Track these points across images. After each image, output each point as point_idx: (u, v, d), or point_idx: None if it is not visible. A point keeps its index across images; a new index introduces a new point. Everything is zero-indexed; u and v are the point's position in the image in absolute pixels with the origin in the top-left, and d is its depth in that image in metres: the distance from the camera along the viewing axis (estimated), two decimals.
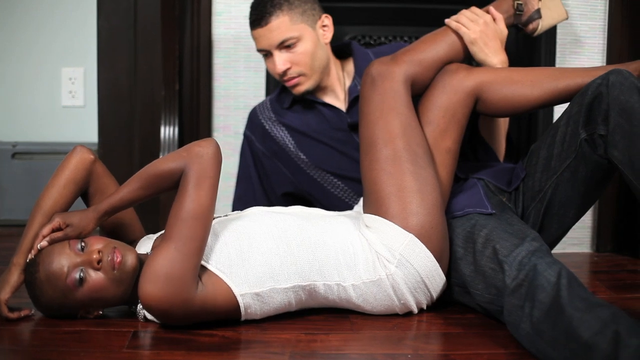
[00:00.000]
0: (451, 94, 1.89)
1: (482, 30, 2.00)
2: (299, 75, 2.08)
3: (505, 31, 2.06)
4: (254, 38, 2.09)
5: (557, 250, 2.43)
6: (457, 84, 1.90)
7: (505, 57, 2.03)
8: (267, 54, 2.09)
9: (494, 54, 2.01)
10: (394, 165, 1.78)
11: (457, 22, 2.01)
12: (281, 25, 2.04)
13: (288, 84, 2.11)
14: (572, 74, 1.89)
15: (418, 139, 1.83)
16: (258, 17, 2.05)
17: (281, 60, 2.06)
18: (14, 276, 1.70)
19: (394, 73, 1.87)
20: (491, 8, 2.07)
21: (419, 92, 1.92)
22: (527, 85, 1.88)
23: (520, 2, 2.10)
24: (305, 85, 2.10)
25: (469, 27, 2.00)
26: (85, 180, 1.80)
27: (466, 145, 2.15)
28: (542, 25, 2.14)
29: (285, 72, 2.07)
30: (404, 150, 1.79)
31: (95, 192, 1.83)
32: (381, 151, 1.80)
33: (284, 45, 2.05)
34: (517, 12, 2.11)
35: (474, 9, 2.05)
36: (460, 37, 1.99)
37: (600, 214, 2.52)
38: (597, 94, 1.71)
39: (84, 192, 1.82)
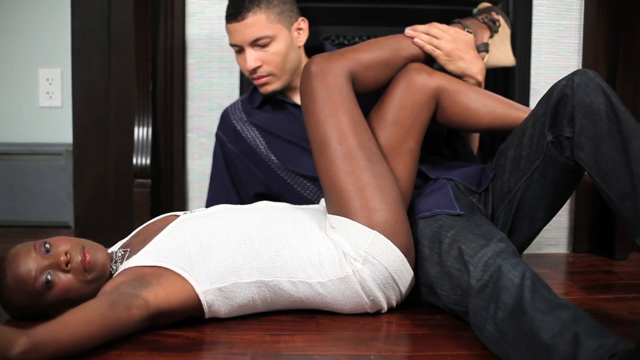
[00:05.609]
0: (416, 95, 1.89)
1: (452, 45, 2.00)
2: (268, 75, 2.08)
3: (471, 36, 2.07)
4: (228, 32, 2.08)
5: (533, 250, 2.44)
6: (422, 84, 1.90)
7: (482, 64, 2.05)
8: (239, 50, 2.09)
9: (472, 64, 2.03)
10: (350, 164, 1.77)
11: (430, 44, 1.99)
12: (257, 22, 2.03)
13: (256, 82, 2.11)
14: (524, 110, 1.96)
15: (368, 134, 1.83)
16: (235, 12, 2.04)
17: (252, 58, 2.06)
18: None
19: (335, 68, 1.86)
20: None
21: (358, 91, 1.90)
22: (481, 102, 1.95)
23: (470, 30, 2.11)
24: (273, 86, 2.10)
25: (441, 48, 1.99)
26: None
27: (441, 139, 2.16)
28: (488, 60, 2.14)
29: (255, 70, 2.07)
30: (358, 147, 1.79)
31: None
32: (336, 150, 1.79)
33: (257, 44, 2.05)
34: None
35: (436, 25, 2.03)
36: (407, 45, 1.98)
37: (576, 215, 2.52)
38: (562, 96, 1.71)
39: None
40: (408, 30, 2.01)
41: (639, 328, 1.20)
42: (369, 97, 1.97)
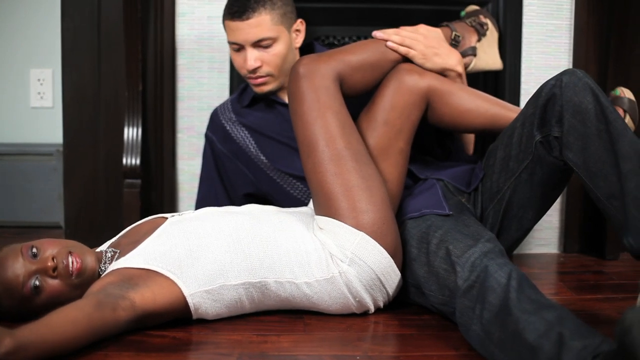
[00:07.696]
0: (407, 95, 1.90)
1: (424, 44, 1.99)
2: (267, 76, 2.08)
3: (439, 30, 2.07)
4: (229, 29, 2.06)
5: (524, 250, 2.44)
6: (413, 84, 1.91)
7: (458, 54, 2.04)
8: (239, 48, 2.08)
9: (448, 57, 2.02)
10: (337, 166, 1.77)
11: (403, 45, 1.98)
12: (262, 23, 2.02)
13: (253, 82, 2.10)
14: (515, 110, 1.95)
15: (356, 136, 1.83)
16: (239, 10, 2.02)
17: (253, 58, 2.05)
18: None
19: (322, 70, 1.85)
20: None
21: (345, 93, 1.90)
22: (472, 103, 1.96)
23: (458, 34, 2.11)
24: (270, 86, 2.10)
25: (414, 48, 1.98)
26: None
27: (433, 138, 2.16)
28: (476, 64, 2.15)
29: (254, 70, 2.07)
30: (346, 149, 1.79)
31: None
32: (324, 152, 1.79)
33: (260, 44, 2.05)
34: (453, 43, 2.12)
35: (403, 28, 2.02)
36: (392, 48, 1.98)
37: (567, 215, 2.51)
38: (551, 95, 1.71)
39: None
40: (377, 33, 2.00)
41: (619, 329, 1.20)
42: (360, 98, 1.97)
